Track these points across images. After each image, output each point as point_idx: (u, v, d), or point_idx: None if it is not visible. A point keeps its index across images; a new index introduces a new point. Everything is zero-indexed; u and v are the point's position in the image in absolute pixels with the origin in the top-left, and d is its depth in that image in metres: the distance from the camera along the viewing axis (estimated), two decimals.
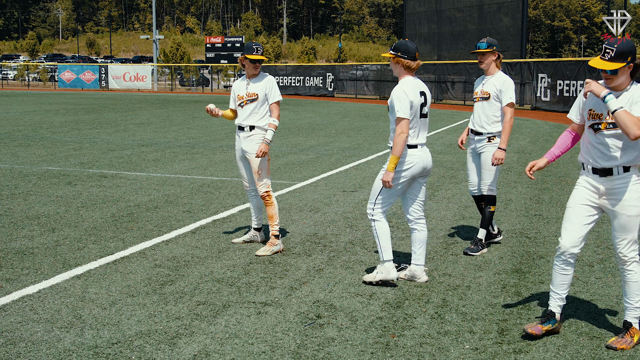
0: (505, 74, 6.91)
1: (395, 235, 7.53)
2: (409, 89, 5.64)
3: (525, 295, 5.54)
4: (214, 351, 4.33)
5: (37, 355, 4.22)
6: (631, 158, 4.40)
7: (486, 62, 6.90)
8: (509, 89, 6.77)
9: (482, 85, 6.97)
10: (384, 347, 4.45)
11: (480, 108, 6.94)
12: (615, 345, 4.43)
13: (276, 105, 6.74)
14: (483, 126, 6.90)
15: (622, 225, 4.47)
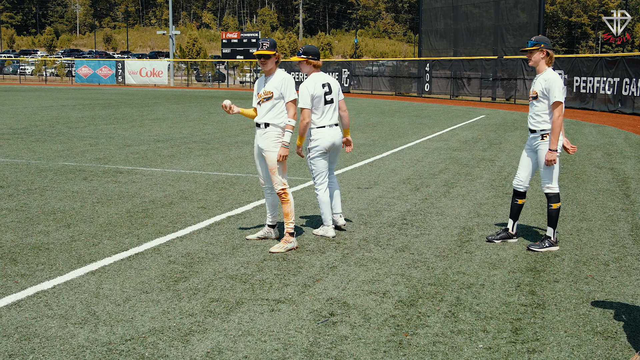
0: (553, 72, 6.85)
1: (409, 232, 7.51)
2: (311, 84, 7.05)
3: (540, 294, 5.51)
4: (227, 348, 4.34)
5: (50, 351, 4.25)
6: None
7: (533, 60, 6.89)
8: (554, 88, 6.71)
9: (533, 84, 6.97)
10: (397, 346, 4.43)
11: (532, 107, 6.96)
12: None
13: (292, 104, 6.72)
14: (535, 124, 6.89)
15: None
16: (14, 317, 4.80)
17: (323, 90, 7.14)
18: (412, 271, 6.08)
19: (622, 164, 13.19)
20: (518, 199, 7.20)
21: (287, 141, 6.67)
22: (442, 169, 12.29)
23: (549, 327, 4.80)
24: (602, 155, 14.72)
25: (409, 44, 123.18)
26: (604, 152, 15.22)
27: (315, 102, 7.08)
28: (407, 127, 21.27)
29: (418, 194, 9.76)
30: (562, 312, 5.10)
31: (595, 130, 21.25)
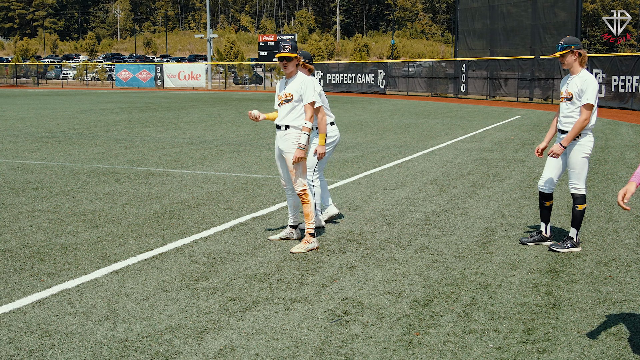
0: (588, 73, 6.81)
1: (431, 233, 7.54)
2: (316, 83, 7.13)
3: (557, 295, 5.50)
4: (239, 346, 4.44)
5: (69, 347, 4.39)
6: None
7: (567, 62, 6.85)
8: (589, 90, 6.67)
9: (566, 85, 6.92)
10: (407, 345, 4.49)
11: (565, 107, 6.90)
12: None
13: (309, 107, 6.79)
14: (567, 125, 6.86)
15: None
16: (37, 314, 4.97)
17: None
18: (430, 271, 6.12)
19: None
20: (545, 202, 7.14)
21: (304, 143, 6.75)
22: (471, 169, 12.26)
23: (562, 328, 4.80)
24: (636, 155, 14.52)
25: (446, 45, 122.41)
26: (638, 153, 15.00)
27: (323, 99, 7.56)
28: (440, 128, 21.21)
29: (444, 195, 9.77)
30: (577, 313, 5.10)
31: (632, 130, 20.94)
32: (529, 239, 7.13)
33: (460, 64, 44.54)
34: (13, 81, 68.32)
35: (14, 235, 7.27)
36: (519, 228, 7.82)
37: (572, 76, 6.85)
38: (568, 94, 6.83)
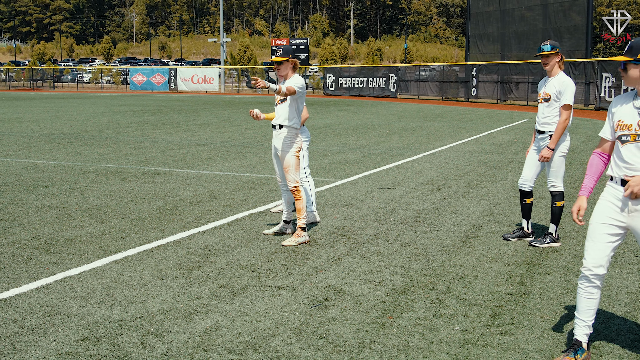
0: (566, 76, 7.15)
1: (419, 229, 7.89)
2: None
3: (528, 285, 5.84)
4: (224, 326, 4.82)
5: (68, 325, 4.79)
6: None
7: (550, 64, 7.17)
8: (567, 91, 7.02)
9: (544, 86, 7.25)
10: (379, 327, 4.84)
11: (543, 108, 7.24)
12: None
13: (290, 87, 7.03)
14: (544, 126, 7.20)
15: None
16: (41, 297, 5.37)
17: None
18: (411, 263, 6.47)
19: None
20: (526, 199, 7.49)
21: (269, 84, 6.80)
22: (468, 170, 12.59)
23: (527, 314, 5.14)
24: None
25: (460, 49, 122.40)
26: None
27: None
28: (445, 131, 21.53)
29: (438, 194, 10.11)
30: (544, 301, 5.43)
31: None
32: (512, 235, 7.47)
33: (471, 68, 44.78)
34: (30, 84, 69.22)
35: (23, 229, 7.69)
36: (504, 225, 8.16)
37: (550, 78, 7.19)
38: (546, 95, 7.17)
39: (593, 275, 4.27)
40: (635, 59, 4.10)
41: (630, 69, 4.14)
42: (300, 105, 7.27)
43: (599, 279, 4.27)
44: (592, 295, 4.30)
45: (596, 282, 4.28)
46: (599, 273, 4.26)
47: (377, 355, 4.35)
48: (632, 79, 4.16)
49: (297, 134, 7.26)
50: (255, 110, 7.56)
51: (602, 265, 4.26)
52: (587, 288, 4.31)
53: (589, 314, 4.32)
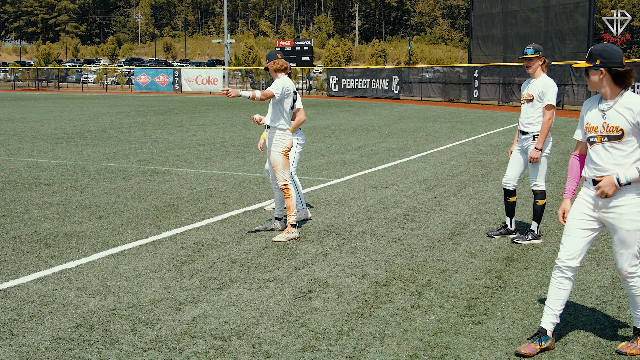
0: (548, 77, 7.41)
1: (407, 226, 8.14)
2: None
3: (506, 279, 6.09)
4: (211, 315, 5.08)
5: (64, 313, 5.06)
6: None
7: (533, 67, 7.43)
8: (550, 92, 7.28)
9: (527, 87, 7.52)
10: (358, 316, 5.10)
11: (526, 109, 7.50)
12: (626, 350, 4.50)
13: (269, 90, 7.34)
14: (527, 126, 7.46)
15: (621, 239, 4.40)
16: (39, 288, 5.64)
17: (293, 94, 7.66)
18: (396, 258, 6.73)
19: None
20: (509, 197, 7.75)
21: (241, 92, 7.02)
22: (462, 171, 12.83)
23: (501, 305, 5.39)
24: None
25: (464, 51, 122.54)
26: None
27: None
28: (444, 132, 21.77)
29: (429, 193, 10.36)
30: (518, 294, 5.68)
31: None
32: (495, 232, 7.72)
33: (473, 70, 44.99)
34: (35, 85, 69.65)
35: (24, 224, 7.97)
36: (491, 223, 8.40)
37: (533, 80, 7.44)
38: (529, 95, 7.42)
39: (566, 267, 4.52)
40: (595, 64, 4.35)
41: (591, 74, 4.39)
42: (285, 106, 7.50)
43: (572, 271, 4.52)
44: (563, 286, 4.55)
45: (568, 273, 4.52)
46: (572, 265, 4.50)
47: (353, 342, 4.61)
48: (593, 83, 4.41)
49: (284, 134, 7.51)
50: (256, 115, 7.88)
51: (575, 258, 4.50)
52: (559, 279, 4.55)
53: (557, 304, 4.56)
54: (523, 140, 7.54)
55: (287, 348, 4.51)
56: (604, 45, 4.41)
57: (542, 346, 4.48)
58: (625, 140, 4.28)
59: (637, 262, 4.42)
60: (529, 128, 7.44)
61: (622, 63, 4.30)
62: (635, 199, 4.33)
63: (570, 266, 4.50)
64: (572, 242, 4.50)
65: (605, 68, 4.32)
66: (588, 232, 4.49)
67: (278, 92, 7.37)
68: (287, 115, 7.54)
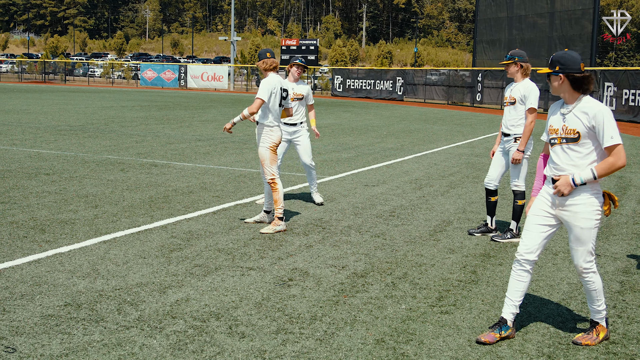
0: (531, 82, 7.68)
1: (392, 222, 8.41)
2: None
3: (479, 274, 6.35)
4: (193, 298, 5.36)
5: (54, 293, 5.34)
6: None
7: (510, 72, 7.73)
8: (531, 95, 7.56)
9: (510, 91, 7.79)
10: (333, 303, 5.37)
11: (508, 112, 7.79)
12: (581, 341, 4.75)
13: (255, 99, 7.70)
14: (510, 128, 7.74)
15: (576, 236, 4.63)
16: (32, 270, 5.93)
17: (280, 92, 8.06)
18: (376, 252, 7.00)
19: (634, 174, 13.69)
20: (491, 197, 8.02)
21: (234, 120, 7.75)
22: (454, 172, 13.09)
23: (470, 297, 5.66)
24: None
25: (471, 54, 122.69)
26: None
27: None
28: (442, 134, 22.02)
29: (418, 192, 10.62)
30: (489, 287, 5.95)
31: (631, 142, 21.56)
32: (476, 230, 7.98)
33: (477, 73, 45.21)
34: (42, 77, 70.06)
35: (22, 211, 8.26)
36: (474, 221, 8.66)
37: (515, 83, 7.71)
38: (511, 98, 7.69)
39: (524, 260, 4.79)
40: (554, 70, 4.61)
41: (552, 80, 4.66)
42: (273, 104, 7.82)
43: (530, 264, 4.79)
44: (522, 278, 4.82)
45: (526, 266, 4.79)
46: (529, 259, 4.77)
47: (325, 327, 4.88)
48: (554, 88, 4.68)
49: (272, 130, 7.80)
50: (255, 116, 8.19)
51: (533, 252, 4.77)
52: (518, 271, 4.82)
53: (517, 295, 4.83)
54: (505, 142, 7.81)
55: (261, 330, 4.78)
56: (564, 52, 4.67)
57: (502, 335, 4.75)
58: (582, 143, 4.54)
59: (592, 258, 4.68)
60: (511, 130, 7.70)
61: (580, 69, 4.56)
62: (589, 198, 4.59)
63: (528, 259, 4.76)
64: (530, 237, 4.76)
65: (563, 74, 4.58)
66: (546, 227, 4.75)
67: (265, 96, 7.71)
68: (274, 113, 7.84)
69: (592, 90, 4.68)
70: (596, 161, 4.54)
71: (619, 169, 4.48)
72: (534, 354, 4.55)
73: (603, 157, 4.54)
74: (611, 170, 4.46)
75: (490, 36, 49.61)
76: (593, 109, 4.50)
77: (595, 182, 4.57)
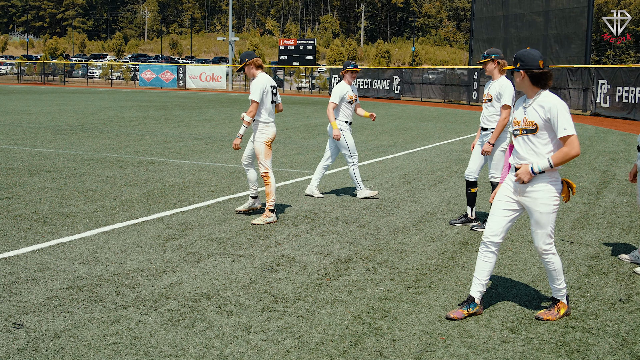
0: (506, 79, 8.09)
1: (378, 214, 8.81)
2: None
3: (456, 260, 6.75)
4: (186, 282, 5.76)
5: (57, 278, 5.75)
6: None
7: (487, 69, 8.14)
8: (506, 93, 7.97)
9: (488, 88, 8.21)
10: (316, 286, 5.78)
11: (486, 108, 8.21)
12: (543, 316, 5.15)
13: (251, 102, 8.13)
14: (487, 123, 8.16)
15: (536, 220, 5.01)
16: (36, 257, 6.34)
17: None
18: (361, 241, 7.40)
19: (619, 168, 14.10)
20: (471, 188, 8.44)
21: (241, 133, 8.18)
22: (443, 167, 13.49)
23: (445, 280, 6.06)
24: (606, 160, 15.62)
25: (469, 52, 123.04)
26: (610, 158, 16.09)
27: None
28: (436, 131, 22.42)
29: (406, 187, 11.02)
30: (464, 272, 6.35)
31: (620, 138, 21.96)
32: (457, 221, 8.39)
33: (473, 72, 45.62)
34: (41, 79, 70.47)
35: (25, 205, 8.66)
36: (457, 213, 9.07)
37: (493, 81, 8.12)
38: (488, 96, 8.10)
39: (490, 242, 5.19)
40: (516, 67, 5.02)
41: (515, 76, 5.07)
42: (266, 101, 8.23)
43: (495, 246, 5.19)
44: (488, 259, 5.22)
45: (492, 248, 5.19)
46: (494, 241, 5.18)
47: (307, 305, 5.29)
48: (517, 83, 5.09)
49: (267, 126, 8.23)
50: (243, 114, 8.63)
51: (497, 235, 5.17)
52: (485, 252, 5.22)
53: (484, 274, 5.23)
54: (483, 136, 8.23)
55: (248, 308, 5.19)
56: (526, 50, 5.08)
57: (469, 312, 5.15)
58: (539, 134, 4.95)
59: (551, 241, 5.09)
60: (489, 125, 8.11)
61: (539, 66, 4.96)
62: (547, 185, 4.99)
63: (493, 242, 5.17)
64: (495, 221, 5.16)
65: (524, 70, 4.98)
66: (509, 212, 5.15)
67: (258, 97, 8.17)
68: (267, 110, 8.25)
69: (551, 85, 5.08)
70: (553, 151, 4.94)
71: (573, 157, 4.88)
72: (498, 328, 4.96)
73: (559, 147, 4.94)
74: (566, 159, 4.86)
75: (486, 35, 50.02)
76: (549, 102, 4.91)
77: (553, 170, 4.97)
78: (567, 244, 7.49)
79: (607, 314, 5.33)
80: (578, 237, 7.88)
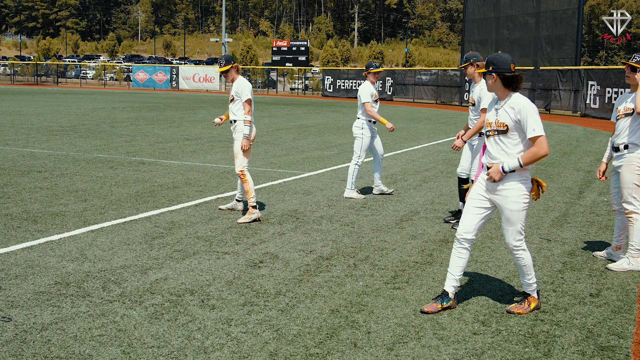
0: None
1: (362, 213, 9.00)
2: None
3: (435, 257, 6.95)
4: (171, 278, 5.95)
5: (45, 274, 5.92)
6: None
7: (468, 73, 8.37)
8: (485, 97, 8.18)
9: (472, 92, 8.43)
10: (297, 282, 5.97)
11: (471, 111, 8.44)
12: (514, 310, 5.35)
13: (246, 104, 8.36)
14: (473, 125, 8.37)
15: (507, 218, 5.23)
16: (25, 255, 6.51)
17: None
18: (344, 239, 7.59)
19: None
20: (463, 185, 8.64)
21: (247, 133, 8.32)
22: (429, 167, 13.70)
23: (422, 276, 6.26)
24: (591, 160, 15.84)
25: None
26: (595, 158, 16.31)
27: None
28: (425, 132, 22.64)
29: (392, 186, 11.21)
30: (442, 268, 6.54)
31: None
32: (451, 218, 8.60)
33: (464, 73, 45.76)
34: (34, 79, 70.45)
35: (16, 205, 8.83)
36: (440, 212, 9.27)
37: (475, 85, 8.33)
38: (472, 100, 8.32)
39: (463, 239, 5.39)
40: (488, 70, 5.22)
41: (487, 79, 5.26)
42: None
43: (468, 243, 5.39)
44: (461, 255, 5.42)
45: (465, 244, 5.39)
46: (467, 237, 5.37)
47: (287, 300, 5.48)
48: (489, 86, 5.29)
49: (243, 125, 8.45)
50: (216, 119, 8.88)
51: (470, 232, 5.37)
52: (458, 249, 5.42)
53: (457, 270, 5.43)
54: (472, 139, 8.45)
55: (230, 303, 5.37)
56: (497, 54, 5.29)
57: (443, 306, 5.35)
58: (510, 135, 5.15)
59: (521, 237, 5.30)
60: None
61: (510, 69, 5.16)
62: (517, 184, 5.19)
63: (466, 238, 5.36)
64: (468, 219, 5.36)
65: (496, 73, 5.18)
66: (482, 210, 5.35)
67: (250, 96, 8.35)
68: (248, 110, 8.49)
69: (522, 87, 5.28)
70: (523, 151, 5.15)
71: (542, 157, 5.08)
72: (469, 321, 5.16)
73: (529, 148, 5.14)
74: (535, 159, 5.06)
75: (479, 36, 50.28)
76: (519, 104, 5.11)
77: (523, 170, 5.17)
78: (544, 242, 7.70)
79: (576, 307, 5.53)
80: (556, 235, 8.09)
